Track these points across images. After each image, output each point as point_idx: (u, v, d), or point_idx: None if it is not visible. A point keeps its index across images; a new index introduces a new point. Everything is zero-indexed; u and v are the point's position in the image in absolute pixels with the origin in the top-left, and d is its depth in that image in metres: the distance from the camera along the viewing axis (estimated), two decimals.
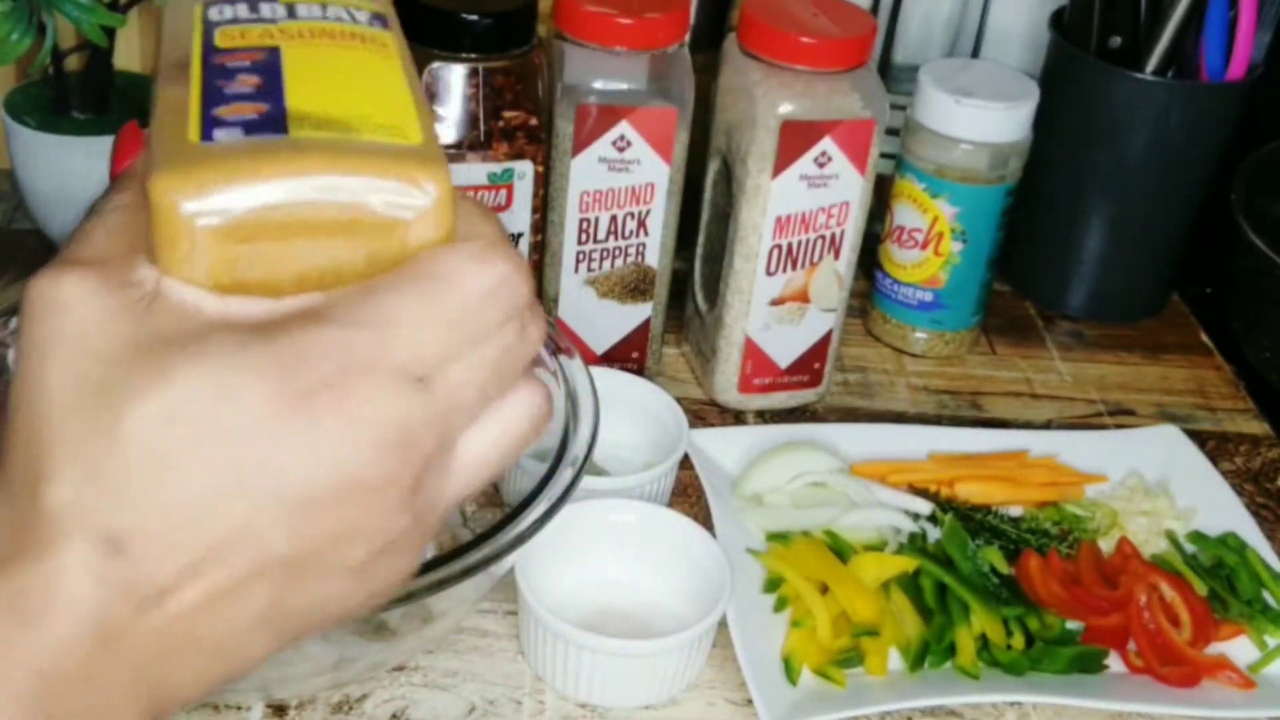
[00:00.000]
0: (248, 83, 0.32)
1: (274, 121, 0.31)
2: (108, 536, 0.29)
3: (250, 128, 0.31)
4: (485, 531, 0.52)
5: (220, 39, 0.34)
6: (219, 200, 0.30)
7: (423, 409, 0.31)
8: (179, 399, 0.29)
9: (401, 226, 0.31)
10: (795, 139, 0.72)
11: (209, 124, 0.31)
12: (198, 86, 0.32)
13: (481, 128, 0.70)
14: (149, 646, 0.30)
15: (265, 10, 0.35)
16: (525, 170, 0.72)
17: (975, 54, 0.97)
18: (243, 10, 0.35)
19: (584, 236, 0.76)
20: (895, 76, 0.94)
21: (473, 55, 0.69)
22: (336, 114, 0.32)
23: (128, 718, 0.30)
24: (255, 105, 0.32)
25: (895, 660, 0.64)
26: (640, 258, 0.77)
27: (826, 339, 0.80)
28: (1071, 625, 0.67)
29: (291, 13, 0.35)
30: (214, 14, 0.35)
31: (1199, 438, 0.80)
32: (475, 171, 0.71)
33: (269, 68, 0.33)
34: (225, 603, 0.30)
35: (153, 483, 0.29)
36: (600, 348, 0.80)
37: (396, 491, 0.31)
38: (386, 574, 0.33)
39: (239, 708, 0.59)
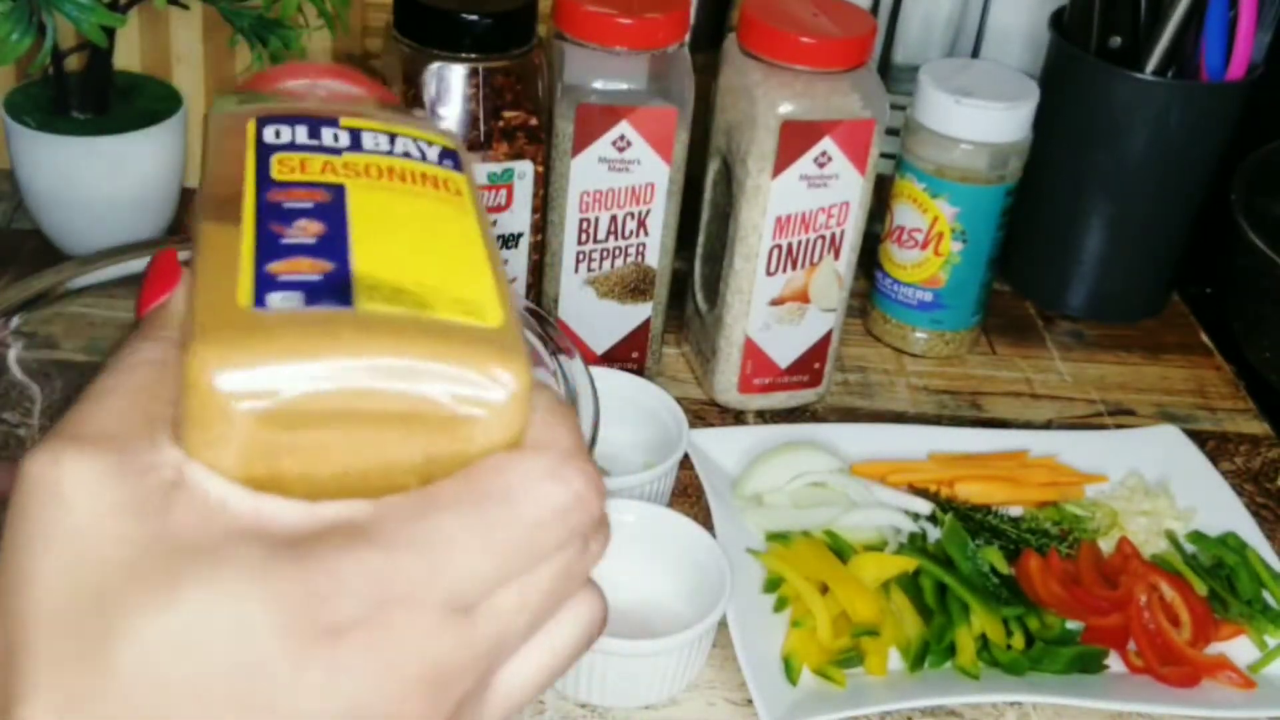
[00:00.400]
0: (309, 231, 0.28)
1: (338, 288, 0.27)
2: None
3: (311, 294, 0.27)
4: None
5: (277, 169, 0.30)
6: (266, 380, 0.26)
7: (464, 646, 0.27)
8: (186, 624, 0.25)
9: (468, 424, 0.27)
10: (795, 139, 0.72)
11: (263, 283, 0.27)
12: (251, 231, 0.28)
13: (481, 128, 0.70)
14: None
15: (327, 137, 0.31)
16: (525, 170, 0.72)
17: (975, 54, 0.97)
18: (302, 134, 0.31)
19: (584, 236, 0.76)
20: (895, 76, 0.94)
21: (473, 55, 0.69)
22: (408, 283, 0.28)
23: None
24: (317, 263, 0.28)
25: (895, 660, 0.64)
26: (640, 258, 0.77)
27: (826, 339, 0.80)
28: (1071, 625, 0.67)
29: (356, 142, 0.31)
30: (269, 136, 0.31)
31: (1199, 438, 0.80)
32: (475, 172, 0.71)
33: (333, 213, 0.29)
34: None
35: (142, 718, 0.25)
36: (600, 348, 0.80)
37: None
38: None
39: None
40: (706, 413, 0.81)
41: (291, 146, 0.31)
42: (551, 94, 0.72)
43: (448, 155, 0.33)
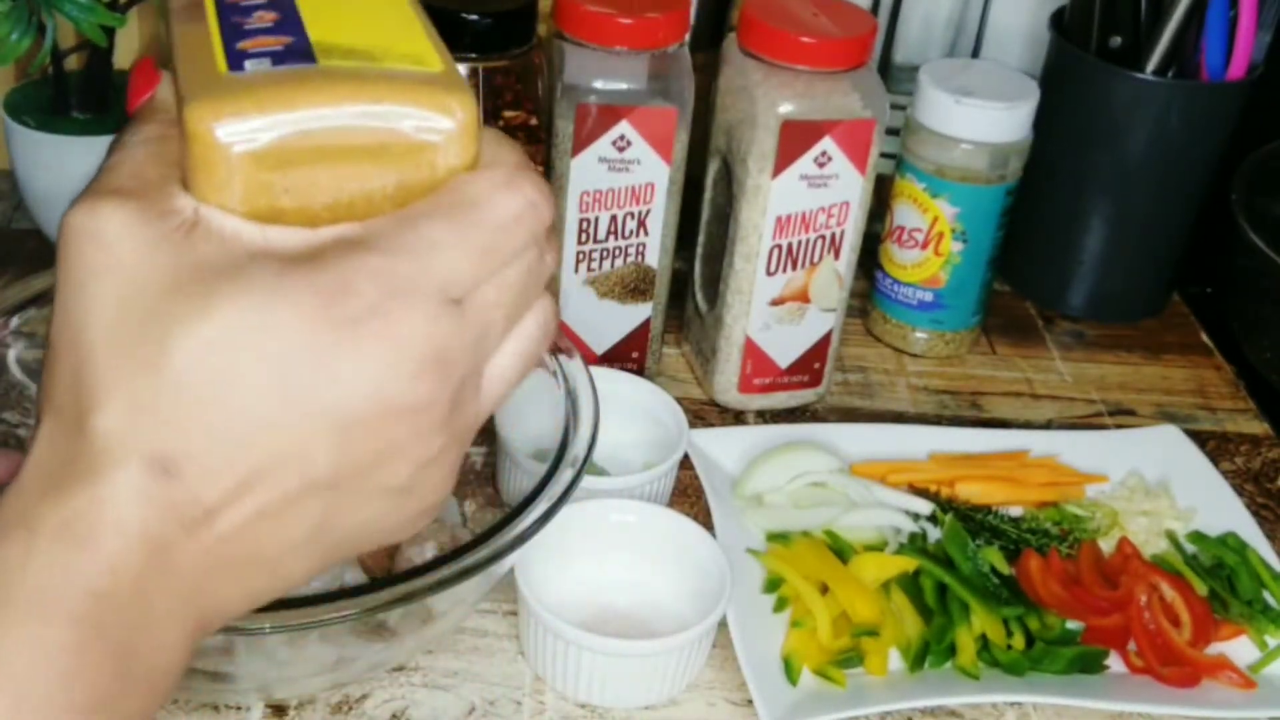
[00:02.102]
0: (265, 19, 0.33)
1: (301, 52, 0.32)
2: (156, 459, 0.30)
3: (278, 59, 0.32)
4: (485, 532, 0.52)
5: None
6: (256, 126, 0.30)
7: (459, 331, 0.32)
8: (224, 327, 0.30)
9: (430, 150, 0.32)
10: (795, 139, 0.72)
11: (236, 56, 0.32)
12: (215, 24, 0.33)
13: None
14: (198, 564, 0.31)
15: None
16: None
17: (975, 54, 0.97)
18: None
19: (584, 236, 0.76)
20: (895, 76, 0.94)
21: (473, 55, 0.69)
22: (359, 45, 0.33)
23: (177, 631, 0.31)
24: (278, 38, 0.32)
25: (895, 660, 0.64)
26: (640, 258, 0.77)
27: (826, 339, 0.80)
28: (1071, 625, 0.67)
29: None
30: None
31: (1199, 438, 0.80)
32: None
33: (284, 5, 0.34)
34: (272, 522, 0.31)
35: (200, 408, 0.30)
36: (600, 348, 0.80)
37: (435, 411, 0.32)
38: (427, 492, 0.34)
39: (239, 708, 0.59)
40: (706, 413, 0.81)
41: None
42: (551, 94, 0.72)
43: None
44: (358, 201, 0.32)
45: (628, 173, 0.74)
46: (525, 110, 0.71)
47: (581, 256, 0.77)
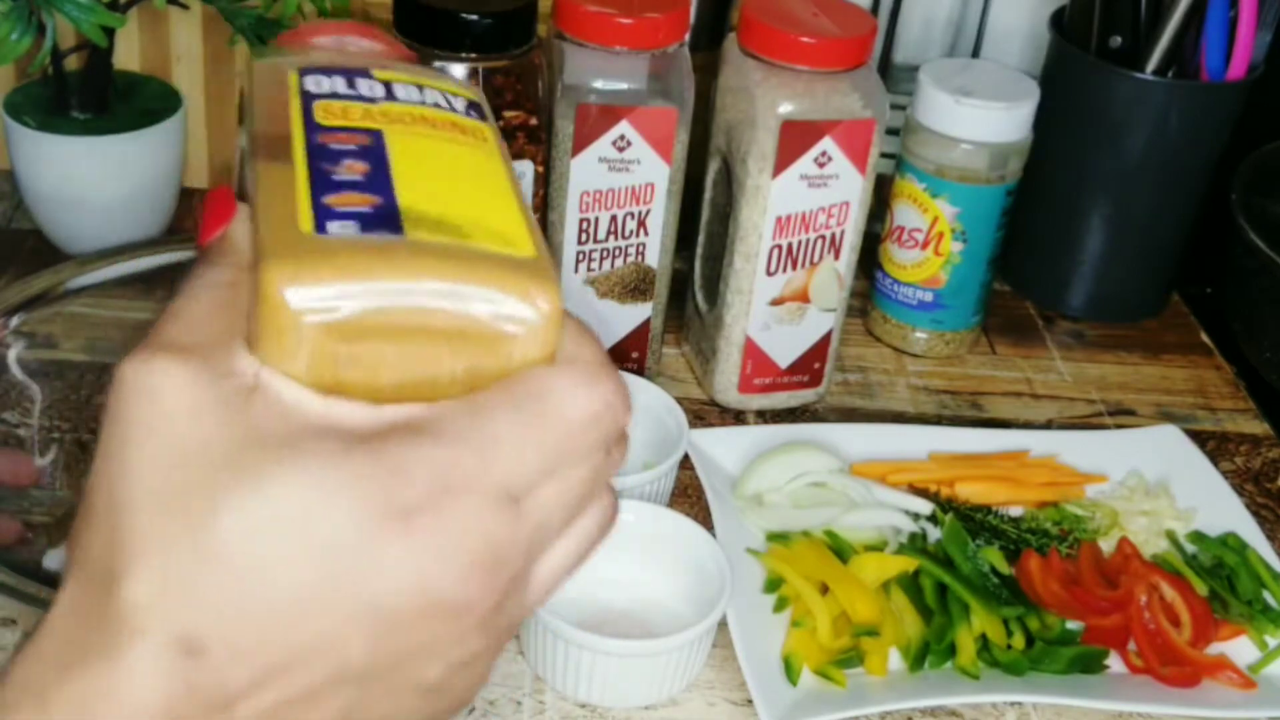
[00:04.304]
0: (355, 170, 0.32)
1: (388, 218, 0.30)
2: (183, 640, 0.28)
3: (365, 223, 0.30)
4: None
5: (320, 115, 0.33)
6: (332, 297, 0.29)
7: (514, 531, 0.31)
8: (274, 507, 0.28)
9: (508, 340, 0.31)
10: (795, 139, 0.72)
11: (321, 213, 0.30)
12: (304, 168, 0.31)
13: None
14: None
15: (363, 87, 0.34)
16: (525, 170, 0.72)
17: (975, 54, 0.97)
18: (340, 84, 0.34)
19: (584, 236, 0.76)
20: (895, 76, 0.94)
21: (473, 55, 0.69)
22: (449, 216, 0.31)
23: None
24: (366, 197, 0.31)
25: (895, 660, 0.64)
26: (640, 258, 0.77)
27: (826, 339, 0.80)
28: (1071, 625, 0.67)
29: (390, 93, 0.34)
30: (310, 85, 0.34)
31: (1199, 438, 0.80)
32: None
33: (375, 155, 0.32)
34: (295, 711, 0.30)
35: (236, 589, 0.28)
36: None
37: (479, 613, 0.31)
38: (457, 691, 0.33)
39: None
40: (706, 413, 0.81)
41: (333, 96, 0.34)
42: (551, 94, 0.72)
43: (473, 107, 0.36)
44: (425, 382, 0.30)
45: (628, 173, 0.74)
46: (525, 110, 0.71)
47: (581, 256, 0.77)
